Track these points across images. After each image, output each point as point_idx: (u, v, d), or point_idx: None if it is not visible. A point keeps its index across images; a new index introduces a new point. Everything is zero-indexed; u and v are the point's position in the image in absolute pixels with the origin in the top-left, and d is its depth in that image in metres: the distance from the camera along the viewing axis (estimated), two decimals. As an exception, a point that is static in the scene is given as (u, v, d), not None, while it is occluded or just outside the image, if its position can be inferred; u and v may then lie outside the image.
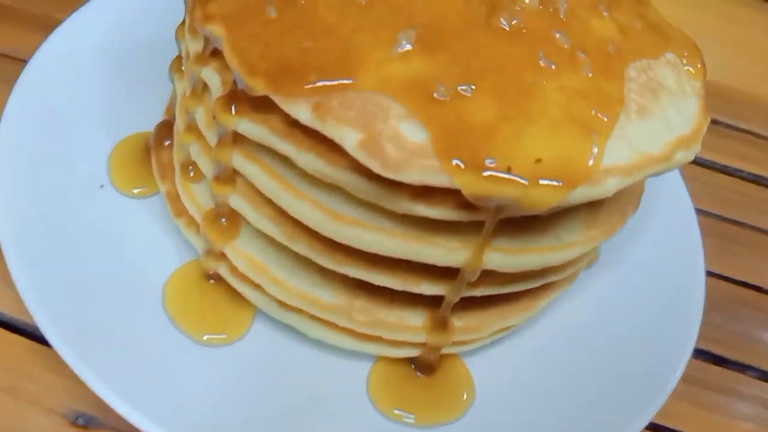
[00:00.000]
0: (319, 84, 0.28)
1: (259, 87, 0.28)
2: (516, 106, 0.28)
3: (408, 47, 0.29)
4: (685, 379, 0.40)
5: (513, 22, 0.30)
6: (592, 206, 0.34)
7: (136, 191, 0.40)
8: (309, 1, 0.30)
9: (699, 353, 0.44)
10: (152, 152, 0.40)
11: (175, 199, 0.38)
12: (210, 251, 0.36)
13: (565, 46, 0.31)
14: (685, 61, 0.35)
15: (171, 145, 0.40)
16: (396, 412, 0.35)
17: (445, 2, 0.31)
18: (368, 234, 0.30)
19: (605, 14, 0.33)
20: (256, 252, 0.35)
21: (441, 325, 0.35)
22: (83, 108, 0.42)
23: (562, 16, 0.32)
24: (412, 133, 0.27)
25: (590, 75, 0.30)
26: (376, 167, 0.27)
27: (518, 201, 0.27)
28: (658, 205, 0.46)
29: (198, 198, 0.36)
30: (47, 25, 0.44)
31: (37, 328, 0.33)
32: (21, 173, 0.38)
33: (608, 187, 0.29)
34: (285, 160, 0.31)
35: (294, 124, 0.29)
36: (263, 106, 0.29)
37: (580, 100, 0.29)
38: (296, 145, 0.29)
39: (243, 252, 0.35)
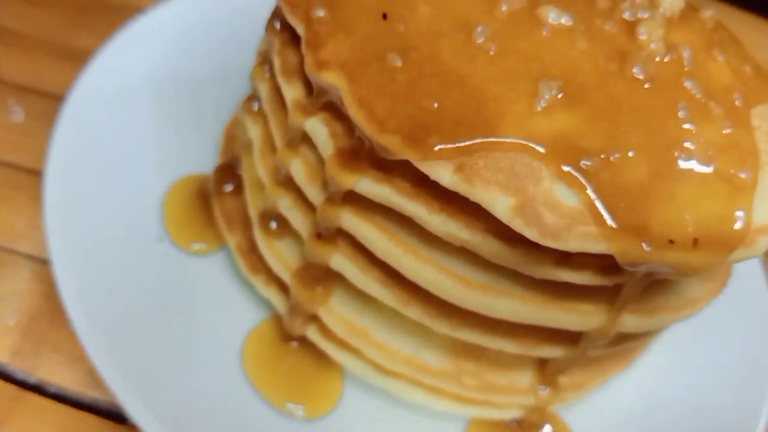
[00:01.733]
0: (461, 144, 0.25)
1: (393, 146, 0.25)
2: (665, 163, 0.27)
3: (551, 101, 0.27)
4: None
5: (646, 71, 0.29)
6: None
7: (196, 247, 0.36)
8: (433, 48, 0.27)
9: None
10: (214, 201, 0.37)
11: (247, 253, 0.35)
12: (298, 313, 0.33)
13: (698, 96, 0.29)
14: None
15: (234, 192, 0.37)
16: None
17: (575, 50, 0.29)
18: (499, 300, 0.28)
19: (720, 58, 0.32)
20: (354, 314, 0.32)
21: (550, 386, 0.33)
22: (130, 148, 0.38)
23: (686, 63, 0.30)
24: (567, 196, 0.25)
25: (726, 127, 0.29)
26: (533, 235, 0.25)
27: (676, 266, 0.26)
28: None
29: (284, 255, 0.33)
30: (72, 54, 0.41)
31: (107, 404, 0.29)
32: (76, 226, 0.34)
33: (761, 246, 0.27)
34: (404, 222, 0.28)
35: (421, 184, 0.27)
36: (386, 163, 0.27)
37: (722, 155, 0.28)
38: (427, 206, 0.27)
39: (340, 315, 0.32)
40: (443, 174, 0.25)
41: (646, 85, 0.28)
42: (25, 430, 0.30)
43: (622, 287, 0.28)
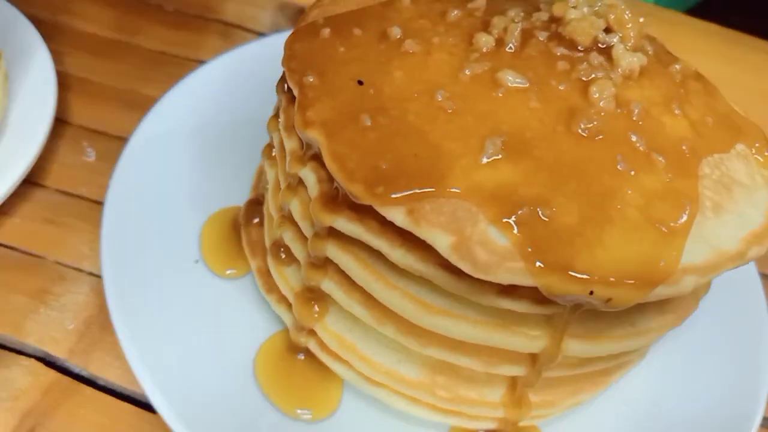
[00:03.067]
0: (412, 192, 0.31)
1: (358, 193, 0.31)
2: (597, 209, 0.31)
3: (495, 155, 0.31)
4: None
5: (591, 126, 0.33)
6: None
7: (228, 272, 0.43)
8: (400, 109, 0.33)
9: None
10: (243, 230, 0.44)
11: (265, 275, 0.41)
12: (300, 328, 0.39)
13: (641, 149, 0.33)
14: (754, 151, 0.37)
15: (260, 223, 0.44)
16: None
17: (527, 109, 0.33)
18: (454, 323, 0.33)
19: (677, 112, 0.36)
20: (344, 331, 0.38)
21: (518, 401, 0.37)
22: (177, 184, 0.46)
23: (635, 118, 0.34)
24: (500, 237, 0.30)
25: (667, 176, 0.33)
26: (467, 269, 0.29)
27: (600, 299, 0.30)
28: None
29: (290, 279, 0.39)
30: (138, 101, 0.49)
31: (142, 396, 0.36)
32: (128, 249, 0.41)
33: (686, 285, 0.31)
34: (377, 253, 0.33)
35: (387, 223, 0.32)
36: (358, 206, 0.32)
37: (657, 201, 0.32)
38: (389, 242, 0.32)
39: (333, 331, 0.38)
40: (397, 216, 0.30)
41: (589, 140, 0.33)
42: (78, 414, 0.37)
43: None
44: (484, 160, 0.31)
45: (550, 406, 0.38)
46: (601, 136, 0.33)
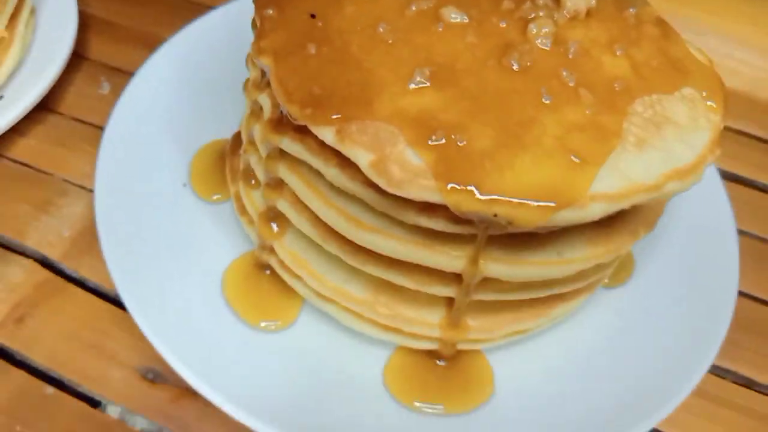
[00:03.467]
0: (342, 114, 0.33)
1: (295, 113, 0.34)
2: (512, 137, 0.33)
3: (422, 83, 0.34)
4: (711, 398, 0.44)
5: (522, 61, 0.35)
6: (599, 226, 0.38)
7: (214, 197, 0.47)
8: (344, 41, 0.36)
9: (728, 373, 0.46)
10: (227, 158, 0.48)
11: (240, 199, 0.45)
12: (264, 246, 0.42)
13: (570, 84, 0.35)
14: (705, 95, 0.38)
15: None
16: (407, 397, 0.40)
17: (463, 43, 0.35)
18: (383, 240, 0.36)
19: (619, 53, 0.37)
20: (299, 250, 0.41)
21: (454, 323, 0.40)
22: (175, 115, 0.50)
23: (571, 56, 0.36)
24: (415, 157, 0.32)
25: (589, 111, 0.34)
26: (382, 184, 0.32)
27: (504, 219, 0.32)
28: (699, 220, 0.49)
29: (256, 201, 0.43)
30: (154, 44, 0.53)
31: (118, 296, 0.40)
32: (121, 168, 0.46)
33: (593, 211, 0.32)
34: (318, 173, 0.37)
35: (324, 144, 0.35)
36: (301, 127, 0.35)
37: (576, 132, 0.33)
38: (325, 161, 0.35)
39: (289, 249, 0.41)
40: (327, 135, 0.33)
41: (518, 74, 0.35)
42: (62, 308, 0.42)
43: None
44: (411, 87, 0.34)
45: (488, 331, 0.40)
46: (529, 72, 0.35)
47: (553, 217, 0.32)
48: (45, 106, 0.51)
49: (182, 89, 0.51)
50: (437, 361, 0.42)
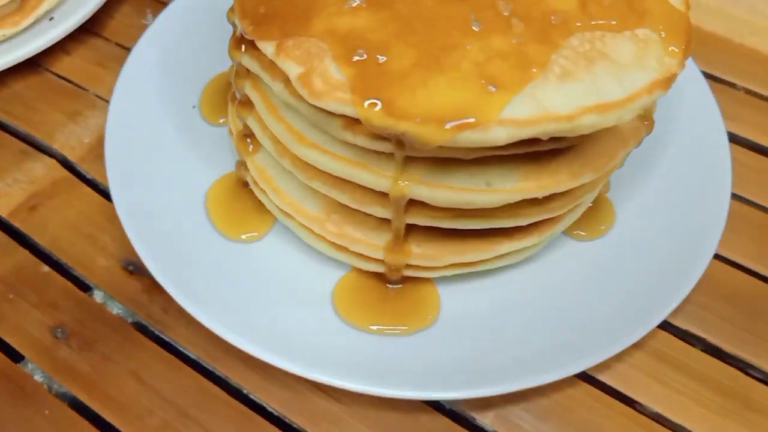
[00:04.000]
0: (282, 30, 0.36)
1: (245, 28, 0.37)
2: (433, 59, 0.34)
3: (359, 3, 0.36)
4: (688, 371, 0.44)
5: (461, -11, 0.36)
6: (537, 161, 0.38)
7: (220, 120, 0.52)
8: (300, -34, 0.39)
9: (713, 349, 0.45)
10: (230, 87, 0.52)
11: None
12: (241, 162, 0.46)
13: (504, 13, 0.36)
14: (664, 36, 0.37)
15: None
16: (349, 314, 0.43)
17: (408, -30, 0.37)
18: (320, 155, 0.39)
19: (570, -11, 0.37)
20: (267, 166, 0.45)
21: (396, 247, 0.42)
22: (195, 49, 0.54)
23: (514, -12, 0.37)
24: (338, 72, 0.35)
25: (516, 40, 0.35)
26: (305, 95, 0.35)
27: (409, 136, 0.34)
28: (696, 178, 0.49)
29: (237, 121, 0.47)
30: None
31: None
32: (138, 87, 0.51)
33: (496, 135, 0.33)
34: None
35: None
36: (255, 44, 0.39)
37: (497, 60, 0.35)
38: (272, 76, 0.38)
39: (258, 165, 0.45)
40: (268, 49, 0.37)
41: (455, 1, 0.36)
42: (70, 202, 0.48)
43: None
44: (346, 7, 0.36)
45: (430, 258, 0.42)
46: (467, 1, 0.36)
47: (455, 137, 0.33)
48: (91, 30, 0.58)
49: (201, 26, 0.56)
50: (387, 285, 0.44)
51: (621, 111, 0.35)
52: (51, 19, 0.55)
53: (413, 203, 0.39)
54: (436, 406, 0.42)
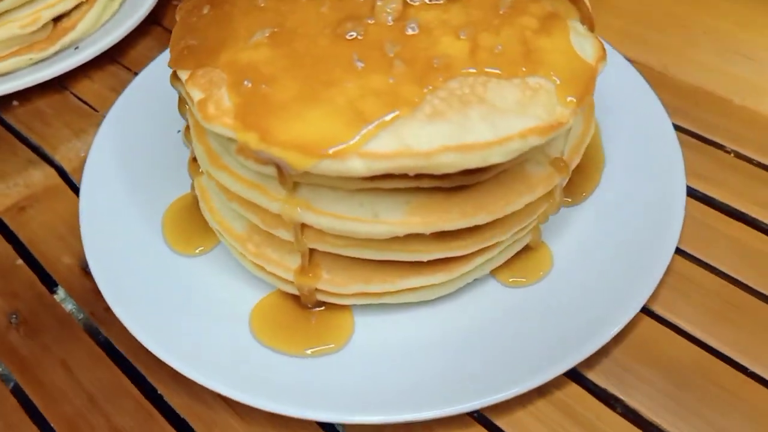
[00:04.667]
0: (196, 61, 0.41)
1: (171, 60, 0.42)
2: (313, 93, 0.37)
3: (261, 41, 0.40)
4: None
5: (357, 32, 0.39)
6: (429, 198, 0.40)
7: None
8: (231, 3, 0.43)
9: (633, 414, 0.44)
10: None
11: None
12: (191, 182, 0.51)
13: (389, 55, 0.38)
14: (558, 85, 0.38)
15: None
16: (262, 332, 0.45)
17: (316, 12, 0.41)
18: (227, 177, 0.42)
19: (463, 36, 0.39)
20: (208, 186, 0.48)
21: (304, 270, 0.44)
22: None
23: (408, 32, 0.39)
24: (227, 100, 0.38)
25: (393, 80, 0.37)
26: (199, 119, 0.39)
27: (280, 161, 0.36)
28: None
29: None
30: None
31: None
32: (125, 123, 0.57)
33: (353, 165, 0.36)
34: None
35: (197, 87, 0.42)
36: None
37: (371, 97, 0.37)
38: (192, 102, 0.42)
39: (201, 185, 0.49)
40: (183, 77, 0.41)
41: (346, 42, 0.39)
42: (55, 207, 0.55)
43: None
44: (250, 42, 0.40)
45: (337, 285, 0.44)
46: (359, 41, 0.39)
47: (317, 165, 0.36)
48: (114, 58, 0.65)
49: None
50: (308, 308, 0.46)
51: (486, 152, 0.36)
52: (76, 48, 0.63)
53: (312, 228, 0.41)
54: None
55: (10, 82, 0.60)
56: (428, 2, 0.41)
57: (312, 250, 0.44)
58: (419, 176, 0.38)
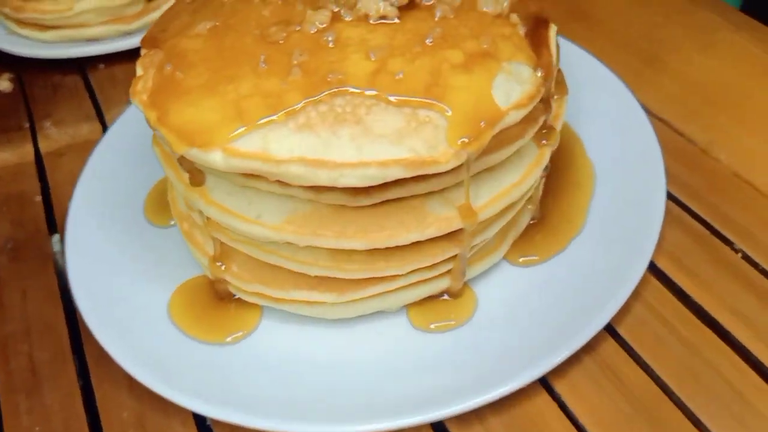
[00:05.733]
0: (153, 44, 0.44)
1: (142, 39, 0.46)
2: (215, 84, 0.39)
3: (201, 32, 0.42)
4: None
5: (277, 37, 0.40)
6: (317, 208, 0.40)
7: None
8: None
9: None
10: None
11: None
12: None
13: (294, 62, 0.39)
14: (450, 124, 0.37)
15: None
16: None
17: (257, 14, 0.42)
18: (158, 152, 0.45)
19: (372, 57, 0.39)
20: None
21: (214, 259, 0.46)
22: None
23: (330, 44, 0.39)
24: (148, 81, 0.42)
25: (285, 85, 0.38)
26: (130, 93, 0.42)
27: (165, 141, 0.39)
28: None
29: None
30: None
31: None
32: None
33: (214, 158, 0.38)
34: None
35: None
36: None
37: (257, 97, 0.38)
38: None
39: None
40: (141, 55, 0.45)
41: (267, 44, 0.40)
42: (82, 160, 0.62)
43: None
44: (193, 32, 0.43)
45: (242, 281, 0.45)
46: (279, 43, 0.40)
47: (187, 151, 0.38)
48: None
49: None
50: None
51: (337, 173, 0.36)
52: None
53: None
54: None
55: (93, 46, 0.69)
56: (372, 22, 0.41)
57: (226, 242, 0.46)
58: (316, 188, 0.38)
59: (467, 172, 0.39)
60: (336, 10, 0.41)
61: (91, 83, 0.70)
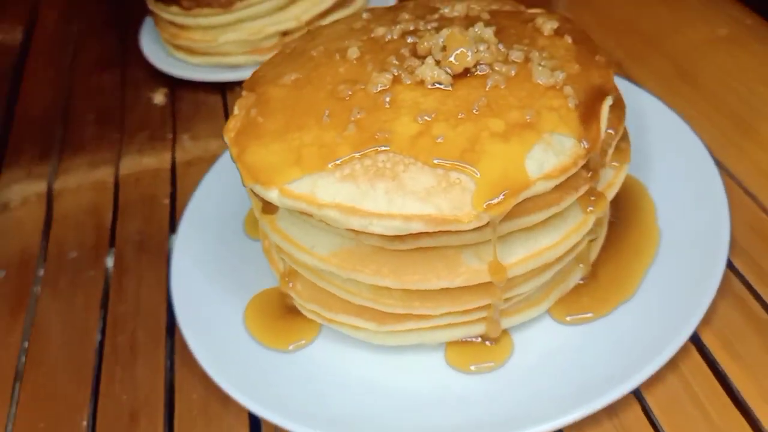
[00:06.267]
0: (250, 88, 0.52)
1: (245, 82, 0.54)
2: (285, 131, 0.46)
3: (287, 80, 0.49)
4: None
5: (344, 93, 0.46)
6: (361, 245, 0.45)
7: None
8: (308, 50, 0.53)
9: None
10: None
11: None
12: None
13: (352, 117, 0.44)
14: (477, 189, 0.41)
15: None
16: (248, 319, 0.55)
17: (334, 70, 0.48)
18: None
19: (420, 120, 0.43)
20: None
21: (283, 276, 0.52)
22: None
23: (386, 104, 0.44)
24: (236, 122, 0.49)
25: (339, 139, 0.43)
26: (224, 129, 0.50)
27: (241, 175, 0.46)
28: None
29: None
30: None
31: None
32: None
33: (272, 196, 0.44)
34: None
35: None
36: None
37: (315, 147, 0.44)
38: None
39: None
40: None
41: (338, 100, 0.46)
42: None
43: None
44: (281, 81, 0.49)
45: (302, 299, 0.51)
46: (345, 101, 0.45)
47: (252, 186, 0.45)
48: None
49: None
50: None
51: (366, 220, 0.41)
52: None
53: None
54: None
55: (234, 72, 0.79)
56: (428, 87, 0.45)
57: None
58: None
59: (493, 232, 0.42)
60: (397, 73, 0.46)
61: (228, 105, 0.80)
